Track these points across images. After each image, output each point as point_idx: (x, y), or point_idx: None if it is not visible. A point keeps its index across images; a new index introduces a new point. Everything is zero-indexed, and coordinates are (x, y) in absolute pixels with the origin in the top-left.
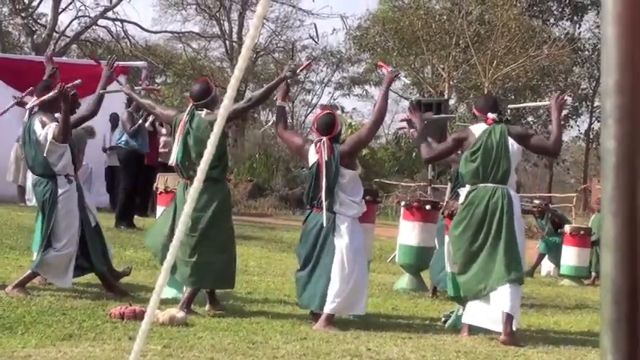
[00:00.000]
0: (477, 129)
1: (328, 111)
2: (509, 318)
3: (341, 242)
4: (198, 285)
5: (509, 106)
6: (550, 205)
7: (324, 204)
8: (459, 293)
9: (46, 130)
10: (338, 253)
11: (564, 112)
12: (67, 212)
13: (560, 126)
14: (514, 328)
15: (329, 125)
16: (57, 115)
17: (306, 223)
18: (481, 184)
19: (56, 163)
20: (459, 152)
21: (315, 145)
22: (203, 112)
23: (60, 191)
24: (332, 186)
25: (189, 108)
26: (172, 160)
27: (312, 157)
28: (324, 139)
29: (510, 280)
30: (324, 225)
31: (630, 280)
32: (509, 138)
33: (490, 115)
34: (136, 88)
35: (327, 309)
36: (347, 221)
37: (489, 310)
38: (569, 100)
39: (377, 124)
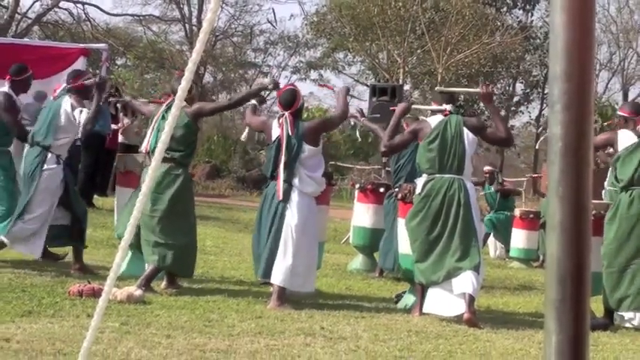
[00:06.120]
0: (433, 120)
1: (291, 86)
2: (471, 299)
3: (291, 218)
4: (160, 264)
5: (437, 88)
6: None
7: (282, 176)
8: (410, 274)
9: (78, 113)
10: (287, 227)
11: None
12: (45, 188)
13: (497, 114)
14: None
15: (290, 100)
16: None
17: (266, 190)
18: (438, 175)
19: (59, 137)
20: None
21: (278, 120)
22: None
23: (45, 166)
24: (292, 160)
25: (168, 102)
26: (145, 147)
27: (275, 132)
28: (286, 113)
29: (469, 269)
30: (280, 198)
31: (575, 261)
32: (465, 128)
33: (446, 107)
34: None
35: (274, 280)
36: (302, 198)
37: (450, 298)
38: (492, 86)
39: (343, 116)
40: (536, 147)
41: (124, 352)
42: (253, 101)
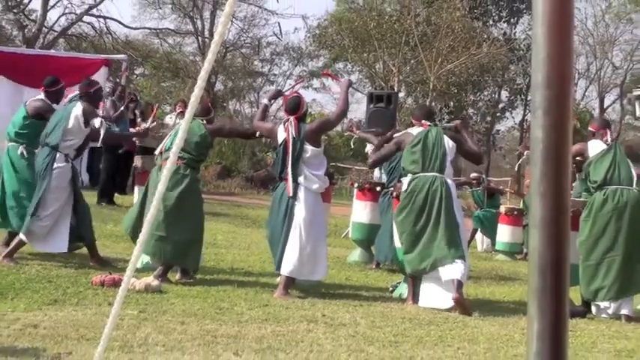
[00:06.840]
0: (415, 130)
1: (295, 94)
2: (459, 283)
3: (300, 213)
4: (158, 257)
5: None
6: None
7: (290, 176)
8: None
9: (96, 121)
10: (296, 222)
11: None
12: (57, 186)
13: (471, 137)
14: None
15: (295, 106)
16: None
17: (275, 192)
18: (421, 174)
19: (66, 139)
20: None
21: (284, 125)
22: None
23: (55, 165)
24: (296, 160)
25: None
26: (160, 148)
27: (281, 136)
28: (292, 118)
29: (455, 257)
30: (290, 195)
31: (555, 254)
32: (445, 136)
33: (424, 122)
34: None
35: (283, 271)
36: (308, 194)
37: (441, 291)
38: (458, 122)
39: (342, 114)
40: (515, 168)
41: (142, 338)
42: (265, 101)
